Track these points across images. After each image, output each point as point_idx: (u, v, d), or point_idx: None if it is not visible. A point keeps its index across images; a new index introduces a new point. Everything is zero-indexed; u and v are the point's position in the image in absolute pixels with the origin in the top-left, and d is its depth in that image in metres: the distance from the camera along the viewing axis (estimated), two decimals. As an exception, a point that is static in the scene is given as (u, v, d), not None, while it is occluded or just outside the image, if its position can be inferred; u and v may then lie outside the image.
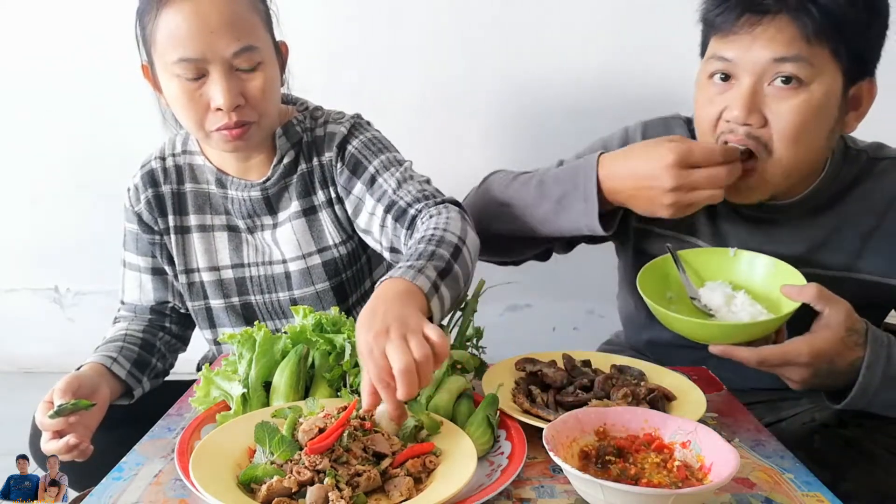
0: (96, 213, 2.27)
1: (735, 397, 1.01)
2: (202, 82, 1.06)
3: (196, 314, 1.28)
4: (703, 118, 1.05)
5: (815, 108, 0.96)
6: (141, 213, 1.25)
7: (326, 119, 1.24)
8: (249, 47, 1.06)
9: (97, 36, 2.15)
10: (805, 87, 0.96)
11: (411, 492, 0.70)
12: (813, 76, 0.95)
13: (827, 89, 0.96)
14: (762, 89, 0.97)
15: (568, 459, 0.71)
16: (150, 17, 1.06)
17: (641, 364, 1.01)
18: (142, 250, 1.27)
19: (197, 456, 0.73)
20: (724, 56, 1.00)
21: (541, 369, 0.96)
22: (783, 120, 0.97)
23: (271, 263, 1.25)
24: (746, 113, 0.97)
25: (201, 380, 0.91)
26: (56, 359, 2.41)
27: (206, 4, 1.04)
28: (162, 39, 1.05)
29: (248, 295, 1.26)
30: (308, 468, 0.69)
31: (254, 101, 1.09)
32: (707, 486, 0.66)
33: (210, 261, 1.25)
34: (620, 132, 1.25)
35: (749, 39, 0.97)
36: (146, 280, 1.28)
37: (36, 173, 2.28)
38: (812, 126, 0.97)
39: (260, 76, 1.09)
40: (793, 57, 0.94)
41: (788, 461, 0.81)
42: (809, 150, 1.00)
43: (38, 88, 2.20)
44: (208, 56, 1.04)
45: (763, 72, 0.97)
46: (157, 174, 1.26)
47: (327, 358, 0.91)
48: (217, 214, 1.25)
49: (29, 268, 2.38)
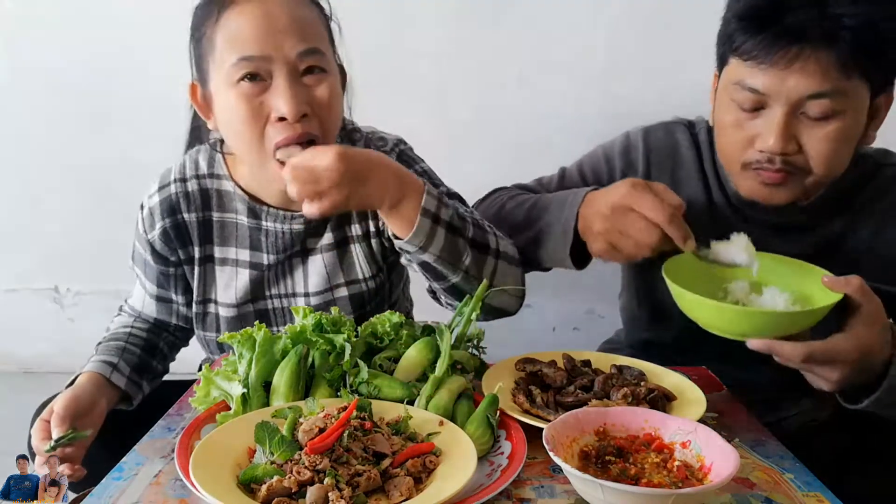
0: (96, 213, 2.27)
1: (735, 397, 1.00)
2: (263, 87, 0.97)
3: (207, 343, 1.23)
4: (731, 142, 1.03)
5: (847, 132, 0.97)
6: (154, 243, 1.15)
7: (367, 145, 1.14)
8: (316, 50, 0.98)
9: (99, 38, 2.15)
10: (839, 116, 0.95)
11: (411, 492, 0.70)
12: (846, 105, 0.95)
13: (857, 112, 0.96)
14: (796, 118, 0.96)
15: (568, 459, 0.71)
16: (208, 23, 0.99)
17: (641, 364, 1.01)
18: (149, 277, 1.20)
19: (197, 456, 0.73)
20: (754, 87, 0.97)
21: (541, 369, 0.96)
22: (819, 147, 0.97)
23: (294, 296, 1.18)
24: (784, 143, 0.96)
25: (201, 380, 0.91)
26: (56, 359, 2.41)
27: (274, 5, 0.97)
28: (222, 43, 0.97)
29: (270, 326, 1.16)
30: (308, 468, 0.69)
31: (320, 110, 0.99)
32: (707, 486, 0.66)
33: (229, 297, 1.17)
34: (622, 138, 1.25)
35: (784, 72, 0.93)
36: (150, 302, 1.22)
37: (36, 173, 2.28)
38: (844, 147, 0.98)
39: (326, 84, 1.00)
40: (828, 92, 0.93)
41: (788, 461, 0.82)
42: (843, 164, 1.01)
43: (39, 89, 2.21)
44: (272, 55, 0.96)
45: (798, 103, 0.95)
46: (178, 200, 1.14)
47: (327, 358, 0.91)
48: (242, 248, 1.15)
49: (29, 268, 2.38)
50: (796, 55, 0.92)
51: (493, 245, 1.01)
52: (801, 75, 0.92)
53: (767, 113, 0.97)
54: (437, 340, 0.91)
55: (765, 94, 0.96)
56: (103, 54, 2.16)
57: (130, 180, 2.21)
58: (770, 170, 0.99)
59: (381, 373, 0.90)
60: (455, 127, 2.14)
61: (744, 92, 0.98)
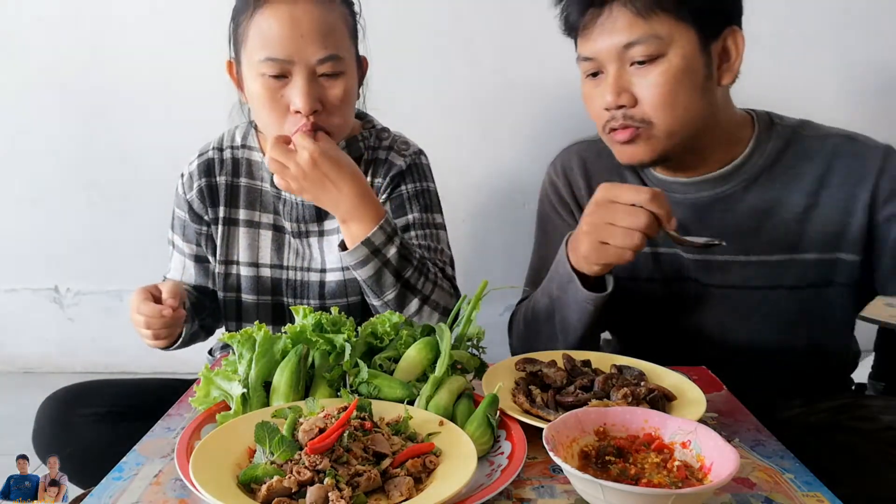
0: (96, 213, 2.27)
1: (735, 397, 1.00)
2: (284, 83, 1.10)
3: (225, 305, 1.32)
4: (593, 116, 1.11)
5: (676, 73, 1.02)
6: (192, 202, 1.29)
7: (391, 145, 1.27)
8: (334, 56, 1.11)
9: (99, 36, 2.15)
10: (662, 59, 1.01)
11: (411, 492, 0.70)
12: (665, 47, 1.01)
13: (684, 52, 1.01)
14: (626, 72, 1.03)
15: (568, 459, 0.71)
16: (244, 16, 1.12)
17: (641, 364, 1.01)
18: (188, 237, 1.32)
19: (197, 456, 0.73)
20: (585, 55, 1.07)
21: (541, 369, 0.96)
22: (649, 93, 1.03)
23: (309, 270, 1.28)
24: (615, 96, 1.04)
25: (201, 380, 0.91)
26: (56, 359, 2.41)
27: (300, 10, 1.09)
28: (253, 38, 1.10)
29: (281, 296, 1.30)
30: (308, 468, 0.69)
31: (331, 107, 1.12)
32: (707, 486, 0.66)
33: (252, 257, 1.28)
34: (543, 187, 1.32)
35: (598, 33, 1.03)
36: (189, 265, 1.33)
37: (36, 173, 2.28)
38: (679, 89, 1.02)
39: (340, 85, 1.12)
40: (637, 39, 1.01)
41: (788, 461, 0.81)
42: (687, 109, 1.04)
43: (39, 89, 2.21)
44: (294, 58, 1.08)
45: (620, 57, 1.02)
46: (213, 164, 1.29)
47: (327, 358, 0.91)
48: (266, 212, 1.28)
49: (29, 268, 2.39)
50: (601, 13, 1.02)
51: (424, 291, 1.13)
52: (611, 31, 1.02)
53: (604, 75, 1.06)
54: (437, 340, 0.91)
55: (594, 58, 1.05)
56: (106, 53, 2.16)
57: (131, 181, 2.22)
58: (617, 127, 1.06)
59: (381, 373, 0.90)
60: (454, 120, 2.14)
61: (582, 63, 1.09)
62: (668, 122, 1.04)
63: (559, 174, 1.29)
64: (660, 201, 0.94)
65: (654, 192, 0.94)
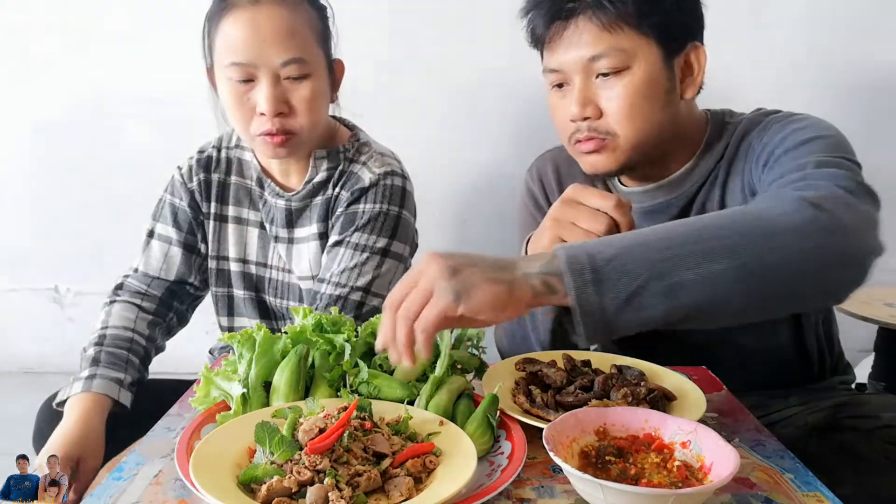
0: (96, 213, 2.27)
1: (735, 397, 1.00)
2: (251, 87, 1.13)
3: (217, 300, 1.34)
4: (558, 127, 1.12)
5: (639, 86, 1.03)
6: (193, 192, 1.31)
7: (366, 161, 1.25)
8: (297, 59, 1.12)
9: (98, 38, 2.15)
10: (627, 71, 1.02)
11: (411, 492, 0.70)
12: (630, 60, 1.02)
13: (647, 66, 1.03)
14: (591, 84, 1.05)
15: (568, 459, 0.71)
16: (213, 23, 1.16)
17: (641, 364, 1.01)
18: (179, 224, 1.32)
19: (197, 456, 0.73)
20: (551, 67, 1.08)
21: (541, 369, 0.96)
22: (614, 105, 1.04)
23: (289, 272, 1.29)
24: (581, 108, 1.05)
25: (201, 380, 0.91)
26: (56, 359, 2.41)
27: (263, 15, 1.11)
28: (220, 44, 1.14)
29: (264, 294, 1.32)
30: (308, 468, 0.69)
31: (297, 110, 1.14)
32: (707, 486, 0.66)
33: (240, 253, 1.31)
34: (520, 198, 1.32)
35: (564, 46, 1.05)
36: (175, 253, 1.32)
37: (36, 174, 2.28)
38: (642, 102, 1.04)
39: (306, 87, 1.14)
40: (602, 53, 1.02)
41: (788, 461, 0.81)
42: (649, 122, 1.05)
43: (39, 88, 2.21)
44: (257, 62, 1.11)
45: (585, 70, 1.04)
46: (211, 161, 1.32)
47: (327, 358, 0.91)
48: (254, 210, 1.31)
49: (29, 268, 2.38)
50: (567, 26, 1.03)
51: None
52: (576, 44, 1.03)
53: (570, 87, 1.07)
54: (437, 340, 0.91)
55: (559, 70, 1.07)
56: (105, 55, 2.16)
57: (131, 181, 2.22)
58: (582, 139, 1.07)
59: (381, 373, 0.90)
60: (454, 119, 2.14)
61: (548, 75, 1.09)
62: (632, 133, 1.05)
63: (535, 180, 1.31)
64: (623, 210, 0.94)
65: (620, 199, 0.94)
